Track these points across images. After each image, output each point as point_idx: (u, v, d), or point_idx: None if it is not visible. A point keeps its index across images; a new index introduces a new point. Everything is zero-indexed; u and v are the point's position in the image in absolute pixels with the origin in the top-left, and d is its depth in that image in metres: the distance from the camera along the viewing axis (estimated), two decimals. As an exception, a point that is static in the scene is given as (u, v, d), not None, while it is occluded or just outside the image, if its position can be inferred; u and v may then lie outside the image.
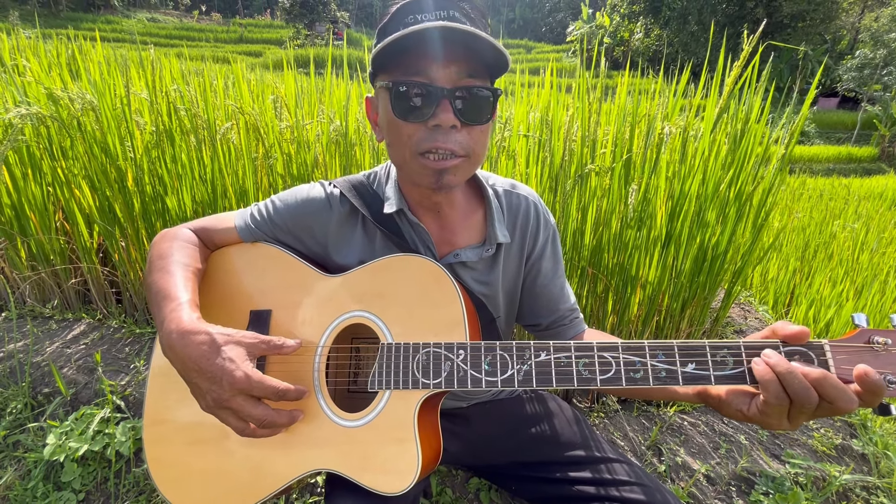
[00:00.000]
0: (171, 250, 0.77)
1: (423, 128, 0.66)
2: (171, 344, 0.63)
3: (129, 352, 1.64)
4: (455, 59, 0.65)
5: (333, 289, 0.77)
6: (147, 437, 0.75)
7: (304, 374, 0.73)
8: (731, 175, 1.42)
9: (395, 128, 0.68)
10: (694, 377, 0.59)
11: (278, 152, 1.69)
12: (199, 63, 5.60)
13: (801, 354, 0.56)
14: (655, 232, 1.44)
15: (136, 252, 1.83)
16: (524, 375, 0.64)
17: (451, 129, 0.66)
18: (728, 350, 0.58)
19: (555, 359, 0.64)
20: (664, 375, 0.60)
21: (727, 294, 1.73)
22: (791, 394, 0.52)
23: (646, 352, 0.61)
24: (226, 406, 0.61)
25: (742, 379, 0.57)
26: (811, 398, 0.51)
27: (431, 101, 0.64)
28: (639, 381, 0.61)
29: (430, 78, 0.64)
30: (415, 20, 0.64)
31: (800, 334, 0.55)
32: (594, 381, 0.62)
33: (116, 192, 1.71)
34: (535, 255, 0.90)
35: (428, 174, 0.68)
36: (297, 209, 0.83)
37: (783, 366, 0.53)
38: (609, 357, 0.62)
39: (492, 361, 0.66)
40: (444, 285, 0.71)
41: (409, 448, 0.65)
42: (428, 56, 0.64)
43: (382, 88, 0.69)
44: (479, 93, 0.66)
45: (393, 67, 0.67)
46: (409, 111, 0.65)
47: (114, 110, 1.63)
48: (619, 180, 1.37)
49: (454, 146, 0.66)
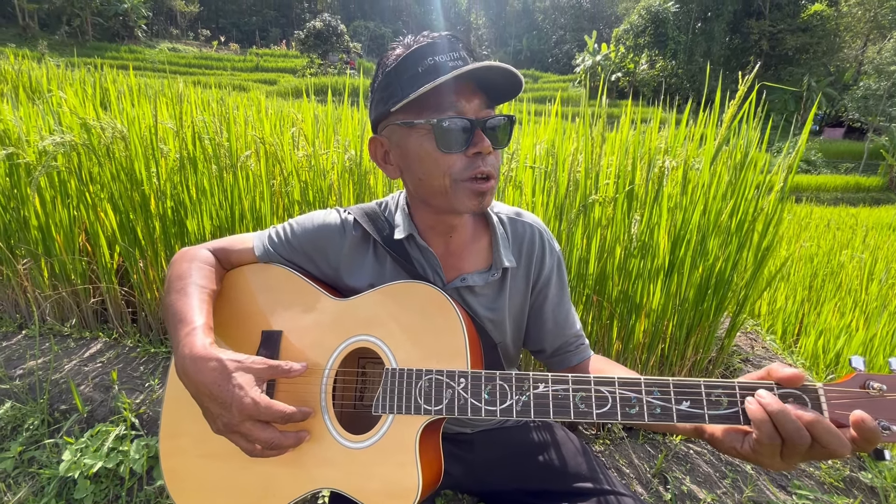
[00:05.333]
0: (189, 271, 0.82)
1: (463, 157, 0.73)
2: (185, 369, 0.67)
3: (143, 370, 1.68)
4: (474, 94, 0.72)
5: (342, 312, 0.81)
6: (163, 448, 0.79)
7: (311, 396, 0.77)
8: (732, 206, 1.47)
9: (434, 161, 0.73)
10: (689, 415, 0.61)
11: (295, 179, 1.77)
12: (216, 91, 5.86)
13: (795, 397, 0.57)
14: (658, 261, 1.48)
15: (153, 272, 1.90)
16: (522, 406, 0.66)
17: (488, 155, 0.73)
18: (723, 390, 0.60)
19: (552, 391, 0.66)
20: (659, 412, 0.62)
21: (732, 322, 1.74)
22: (783, 434, 0.53)
23: (642, 388, 0.63)
24: (235, 430, 0.65)
25: (736, 419, 0.59)
26: (803, 439, 0.53)
27: (469, 132, 0.72)
28: (634, 417, 0.62)
29: (460, 111, 0.71)
30: (434, 62, 0.71)
31: (794, 378, 0.57)
32: (591, 414, 0.64)
33: (139, 216, 1.79)
34: (541, 281, 0.93)
35: (471, 198, 0.75)
36: (312, 233, 0.88)
37: (776, 406, 0.54)
38: (606, 392, 0.64)
39: (491, 391, 0.68)
40: (448, 314, 0.74)
41: (410, 472, 0.68)
42: (456, 94, 0.71)
43: (407, 126, 0.74)
44: (503, 120, 0.75)
45: (421, 107, 0.72)
46: (453, 144, 0.72)
47: (141, 139, 1.73)
48: (622, 211, 1.43)
49: (490, 169, 0.74)
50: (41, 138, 1.76)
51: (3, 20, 33.29)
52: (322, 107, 3.68)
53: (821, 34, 33.53)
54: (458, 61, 0.71)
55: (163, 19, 45.03)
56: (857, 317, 3.21)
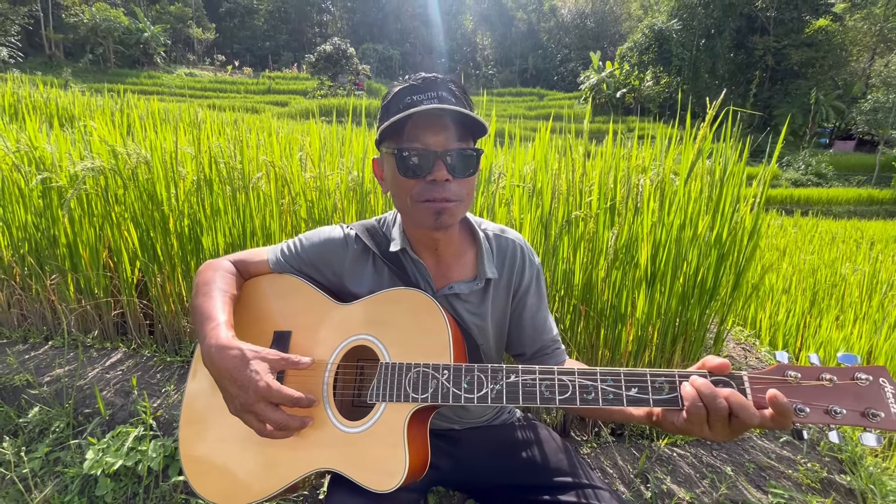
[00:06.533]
0: (214, 278, 0.95)
1: (422, 182, 0.84)
2: (210, 356, 0.79)
3: (160, 378, 1.80)
4: (444, 129, 0.84)
5: (344, 315, 0.93)
6: (182, 435, 0.90)
7: (315, 387, 0.87)
8: (709, 220, 1.56)
9: (400, 183, 0.86)
10: (636, 400, 0.71)
11: (302, 199, 1.91)
12: (231, 114, 6.15)
13: (724, 383, 0.68)
14: (640, 272, 1.57)
15: (170, 286, 2.03)
16: (496, 393, 0.77)
17: (445, 182, 0.84)
18: (665, 378, 0.71)
19: (522, 380, 0.77)
20: (611, 398, 0.72)
21: (718, 331, 1.82)
22: (707, 405, 0.65)
23: (597, 377, 0.74)
24: (250, 410, 0.76)
25: (675, 402, 0.70)
26: (722, 410, 0.64)
27: (428, 161, 0.83)
28: (590, 402, 0.73)
29: (425, 144, 0.83)
30: (412, 101, 0.84)
31: (722, 366, 0.68)
32: (553, 400, 0.75)
33: (158, 233, 1.94)
34: (521, 290, 1.04)
35: (428, 216, 0.86)
36: (319, 247, 1.01)
37: (701, 383, 0.66)
38: (567, 380, 0.75)
39: (470, 381, 0.79)
40: (435, 316, 0.86)
41: (398, 453, 0.78)
42: (421, 128, 0.83)
43: (388, 154, 0.87)
44: (465, 153, 0.85)
45: (396, 137, 0.86)
46: (410, 169, 0.84)
47: (163, 163, 1.89)
48: (604, 225, 1.53)
49: (448, 194, 0.85)
50: (73, 164, 1.93)
51: (32, 49, 34.97)
52: (329, 127, 3.86)
53: (826, 49, 33.63)
54: (433, 100, 0.83)
55: (181, 46, 46.85)
56: (860, 328, 3.23)
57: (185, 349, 2.02)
